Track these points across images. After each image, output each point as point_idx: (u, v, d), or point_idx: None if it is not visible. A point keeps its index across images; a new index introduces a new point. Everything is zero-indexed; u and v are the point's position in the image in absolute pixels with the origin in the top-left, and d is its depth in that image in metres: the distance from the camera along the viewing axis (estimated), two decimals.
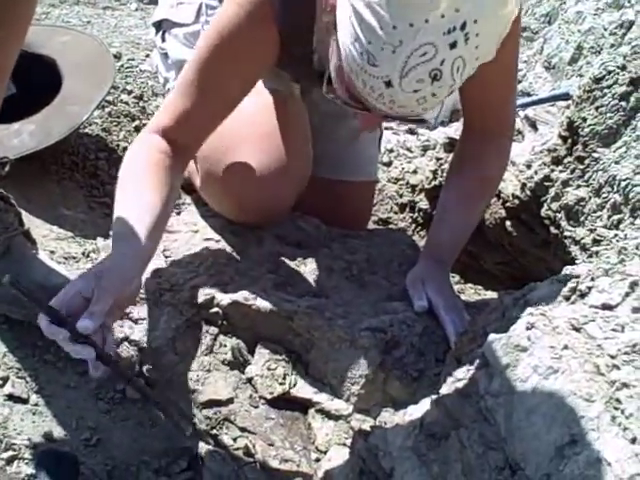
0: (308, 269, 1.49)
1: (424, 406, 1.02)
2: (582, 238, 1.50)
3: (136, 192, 1.26)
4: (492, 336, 0.93)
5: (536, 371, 0.87)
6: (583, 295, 0.95)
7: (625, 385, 0.78)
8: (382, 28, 0.97)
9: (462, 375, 1.00)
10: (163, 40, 1.73)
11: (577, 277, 0.99)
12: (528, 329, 0.92)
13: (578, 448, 0.77)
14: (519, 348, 0.90)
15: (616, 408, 0.77)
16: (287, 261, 1.51)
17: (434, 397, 1.01)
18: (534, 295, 1.06)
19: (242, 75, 1.38)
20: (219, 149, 1.47)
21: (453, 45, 0.98)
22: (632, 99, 1.46)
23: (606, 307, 0.90)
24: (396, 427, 1.02)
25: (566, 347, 0.86)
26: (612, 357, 0.81)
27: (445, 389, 1.01)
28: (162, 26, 1.74)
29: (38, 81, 1.86)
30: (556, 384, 0.83)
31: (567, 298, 0.98)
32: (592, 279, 0.97)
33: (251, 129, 1.51)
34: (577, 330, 0.87)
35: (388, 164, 2.31)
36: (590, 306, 0.91)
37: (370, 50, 1.00)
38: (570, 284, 0.98)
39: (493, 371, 0.91)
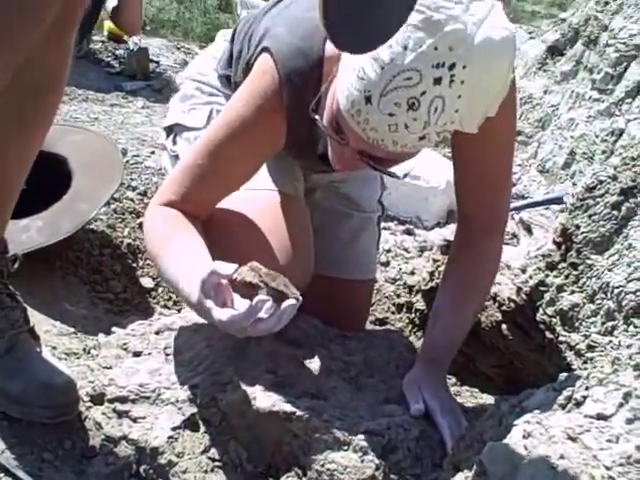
0: (306, 370, 1.51)
1: None
2: (577, 344, 1.52)
3: (182, 241, 1.40)
4: (490, 444, 0.95)
5: None
6: (578, 404, 0.97)
7: None
8: None
9: None
10: (174, 143, 1.79)
11: (572, 386, 1.02)
12: (525, 438, 0.93)
13: None
14: (516, 457, 0.92)
15: None
16: (286, 361, 1.52)
17: None
18: (530, 402, 1.08)
19: (251, 161, 1.49)
20: (223, 248, 1.51)
21: (437, 81, 1.05)
22: (623, 208, 1.51)
23: (601, 417, 0.91)
24: None
25: (562, 457, 0.87)
26: (608, 468, 0.83)
27: None
28: (173, 130, 1.81)
29: (49, 178, 1.91)
30: None
31: (563, 406, 0.99)
32: (587, 388, 0.99)
33: (256, 228, 1.56)
34: (573, 440, 0.89)
35: (386, 264, 2.35)
36: (585, 416, 0.93)
37: (361, 63, 1.09)
38: (565, 392, 1.00)
39: None
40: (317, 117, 1.29)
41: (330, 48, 1.37)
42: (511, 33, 1.10)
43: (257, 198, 1.59)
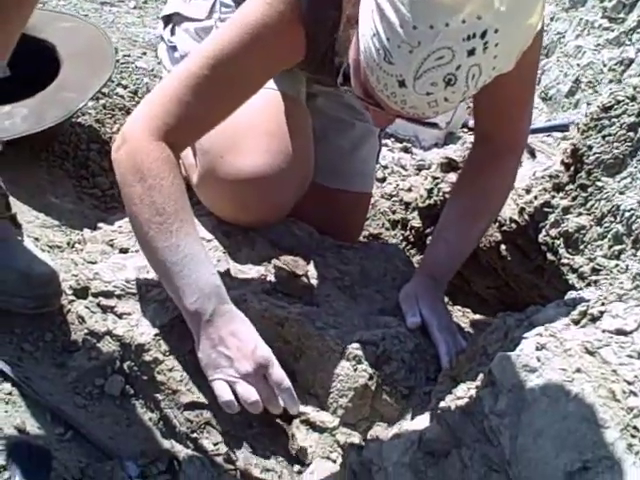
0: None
1: (422, 422, 0.98)
2: (580, 266, 1.47)
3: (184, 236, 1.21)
4: (500, 354, 0.90)
5: (545, 393, 0.83)
6: (594, 319, 0.92)
7: None
8: (402, 26, 0.96)
9: (463, 393, 0.97)
10: (172, 34, 1.69)
11: (587, 301, 0.97)
12: (538, 349, 0.88)
13: (590, 475, 0.74)
14: (528, 368, 0.87)
15: (633, 436, 0.73)
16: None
17: (434, 413, 0.97)
18: (539, 317, 1.03)
19: (265, 74, 1.36)
20: (221, 146, 1.43)
21: (471, 52, 0.96)
22: None
23: (620, 332, 0.87)
24: (392, 442, 0.97)
25: (579, 370, 0.83)
26: (629, 383, 0.78)
27: (445, 406, 0.97)
28: (172, 20, 1.70)
29: (35, 65, 1.80)
30: (567, 408, 0.80)
31: (576, 322, 0.94)
32: (603, 304, 0.94)
33: (256, 128, 1.47)
34: (591, 354, 0.84)
35: (382, 180, 2.28)
36: (603, 330, 0.88)
37: (387, 47, 0.99)
38: (580, 307, 0.95)
39: (499, 390, 0.88)
40: (347, 88, 1.19)
41: None
42: None
43: (260, 97, 1.50)
